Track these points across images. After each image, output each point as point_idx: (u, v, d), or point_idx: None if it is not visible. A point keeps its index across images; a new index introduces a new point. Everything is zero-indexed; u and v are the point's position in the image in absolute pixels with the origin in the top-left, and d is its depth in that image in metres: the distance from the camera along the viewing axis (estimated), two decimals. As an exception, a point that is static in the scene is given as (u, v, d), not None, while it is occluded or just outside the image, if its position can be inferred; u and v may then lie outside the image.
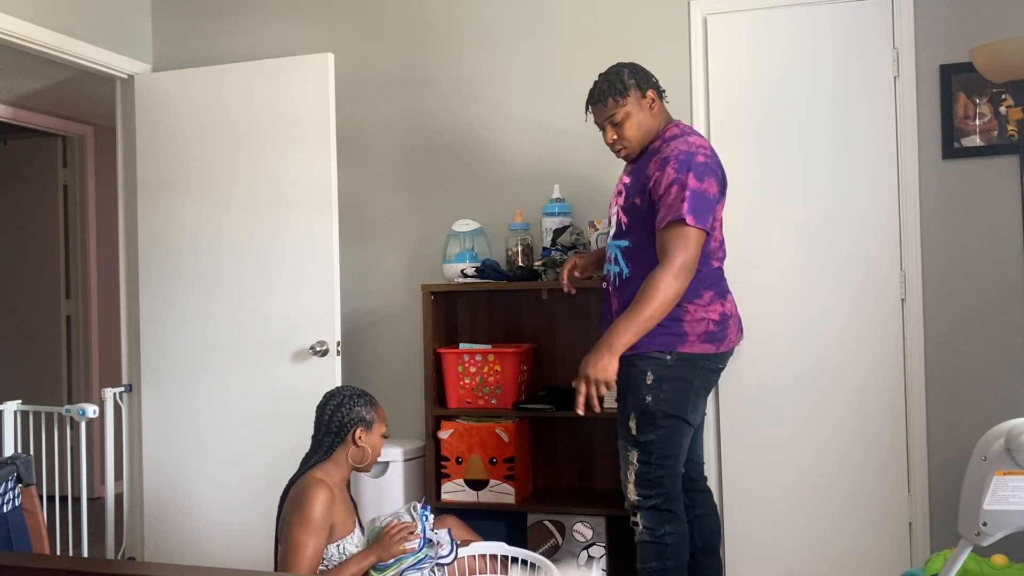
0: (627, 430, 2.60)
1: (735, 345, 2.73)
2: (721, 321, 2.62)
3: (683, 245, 2.47)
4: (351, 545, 2.53)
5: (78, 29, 3.60)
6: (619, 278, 2.68)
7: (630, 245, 2.65)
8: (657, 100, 2.70)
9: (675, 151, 2.55)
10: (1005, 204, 3.13)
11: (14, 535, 2.30)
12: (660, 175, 2.53)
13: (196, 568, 1.67)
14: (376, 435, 2.64)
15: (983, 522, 1.75)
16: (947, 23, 3.18)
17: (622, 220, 2.68)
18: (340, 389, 2.68)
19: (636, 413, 2.58)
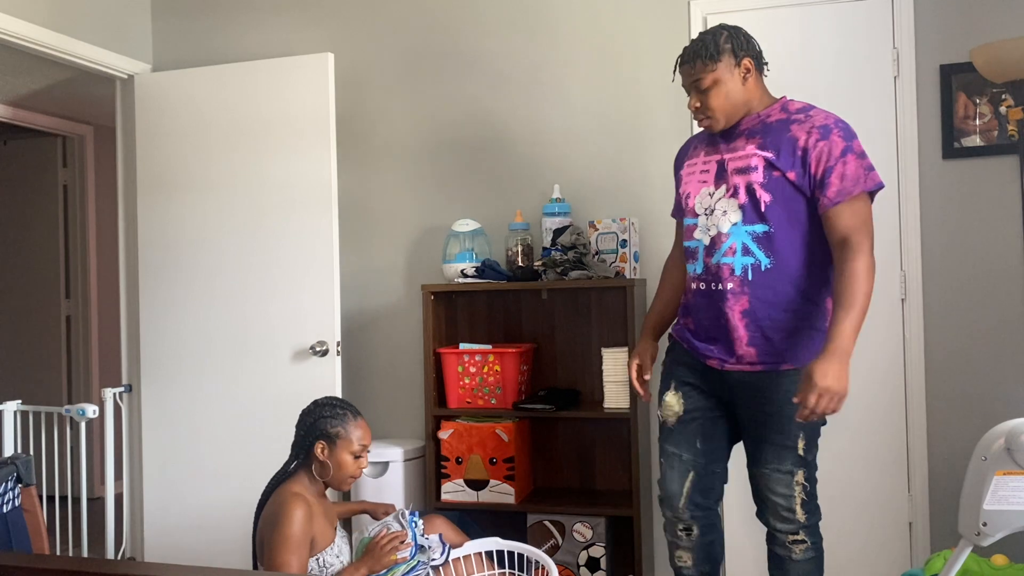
0: (792, 451, 2.36)
1: None
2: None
3: (868, 223, 2.24)
4: (331, 556, 2.48)
5: (78, 29, 3.60)
6: (754, 271, 2.31)
7: (771, 230, 2.29)
8: (753, 71, 2.38)
9: (828, 118, 2.32)
10: (1005, 204, 3.14)
11: (14, 535, 2.30)
12: (825, 144, 2.25)
13: (196, 568, 1.67)
14: (342, 452, 2.50)
15: (983, 522, 1.75)
16: (947, 23, 3.18)
17: (762, 199, 2.29)
18: (322, 399, 2.60)
19: (805, 432, 2.35)
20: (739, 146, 2.36)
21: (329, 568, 2.46)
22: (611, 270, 3.27)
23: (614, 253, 3.28)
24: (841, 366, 2.19)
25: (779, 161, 2.28)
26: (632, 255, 3.29)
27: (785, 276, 2.30)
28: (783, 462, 2.36)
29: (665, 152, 3.44)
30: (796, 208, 2.29)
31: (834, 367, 2.18)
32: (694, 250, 2.42)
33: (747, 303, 2.31)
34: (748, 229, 2.31)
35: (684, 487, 2.49)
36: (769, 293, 2.30)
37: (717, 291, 2.35)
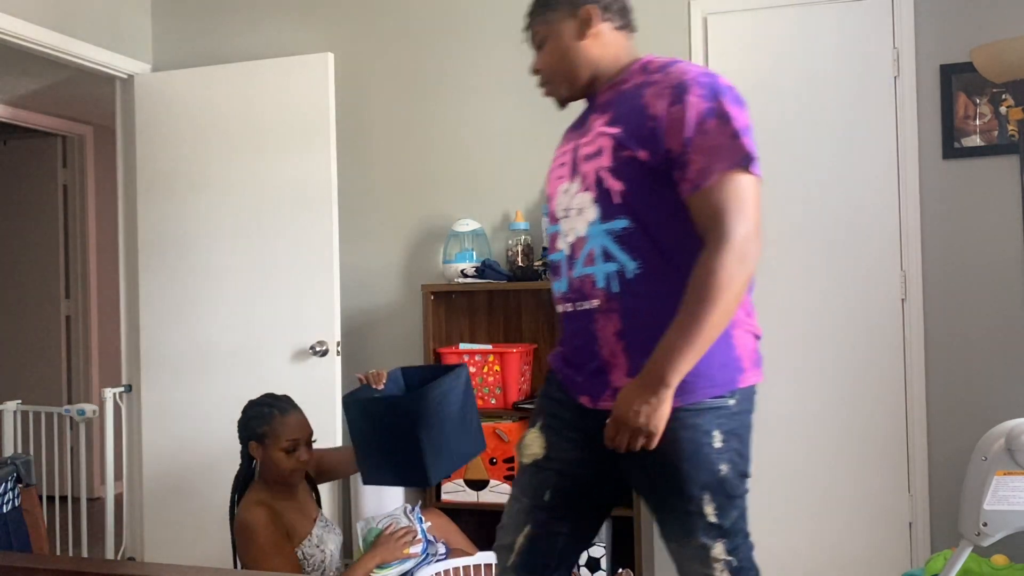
0: (698, 518, 1.74)
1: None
2: (758, 336, 1.83)
3: (741, 206, 1.63)
4: (311, 547, 2.49)
5: (78, 29, 3.59)
6: (619, 280, 1.74)
7: (631, 225, 1.72)
8: (600, 24, 1.86)
9: (685, 73, 1.71)
10: (1005, 204, 3.14)
11: (14, 535, 2.30)
12: (679, 109, 1.67)
13: (196, 568, 1.67)
14: (273, 449, 2.50)
15: (983, 522, 1.75)
16: (947, 23, 3.18)
17: (612, 188, 1.73)
18: (253, 399, 2.61)
19: (712, 494, 1.75)
20: (590, 125, 1.84)
21: (311, 559, 2.47)
22: (611, 270, 3.26)
23: (614, 253, 3.27)
24: (647, 395, 1.62)
25: (627, 138, 1.72)
26: (632, 255, 3.28)
27: (660, 282, 1.71)
28: (691, 534, 1.75)
29: (665, 152, 3.44)
30: (664, 194, 1.71)
31: (638, 395, 1.62)
32: (557, 264, 1.86)
33: (619, 322, 1.74)
34: (606, 228, 1.74)
35: (517, 541, 1.87)
36: (644, 305, 1.72)
37: (583, 311, 1.79)
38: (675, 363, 1.60)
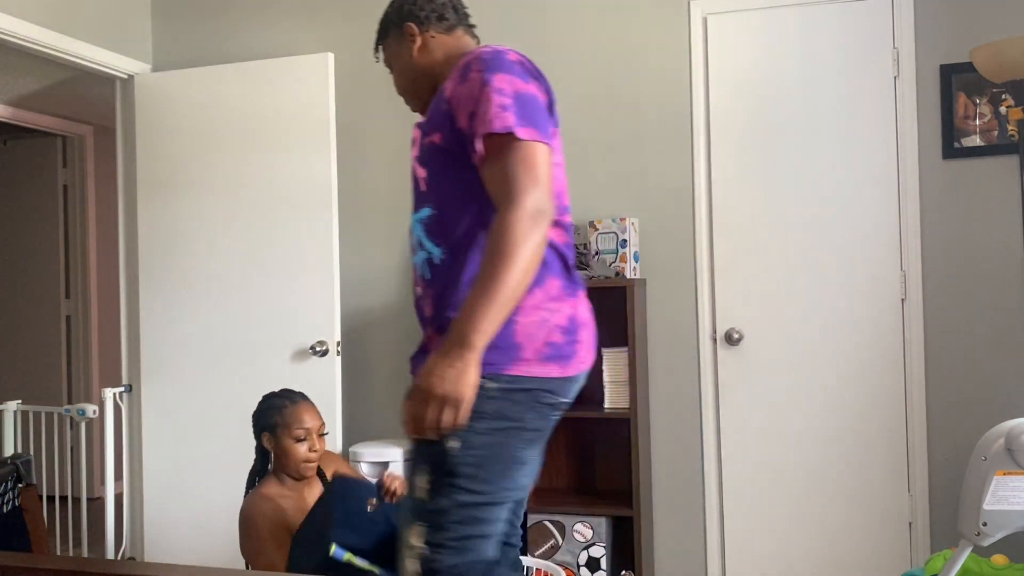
0: (412, 492, 1.64)
1: (586, 369, 1.74)
2: (570, 329, 1.69)
3: (529, 171, 1.60)
4: None
5: (78, 29, 3.60)
6: (430, 268, 1.74)
7: (435, 212, 1.74)
8: (421, 34, 1.92)
9: (473, 55, 1.74)
10: (1005, 204, 3.14)
11: (14, 535, 2.30)
12: (464, 88, 1.69)
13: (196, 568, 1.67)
14: (285, 438, 2.50)
15: (983, 522, 1.75)
16: (947, 23, 3.18)
17: (419, 176, 1.79)
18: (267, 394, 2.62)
19: (429, 466, 1.61)
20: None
21: None
22: (611, 270, 3.27)
23: (614, 253, 3.28)
24: (453, 359, 1.52)
25: (428, 126, 1.78)
26: (632, 255, 3.29)
27: (465, 267, 1.70)
28: (405, 505, 1.66)
29: (665, 152, 3.44)
30: (464, 178, 1.70)
31: (442, 361, 1.52)
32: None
33: (431, 308, 1.74)
34: (418, 217, 1.78)
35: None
36: (448, 293, 1.70)
37: (415, 299, 1.82)
38: (476, 323, 1.52)
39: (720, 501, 3.38)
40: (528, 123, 1.63)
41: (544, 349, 1.65)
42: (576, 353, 1.69)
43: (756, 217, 3.34)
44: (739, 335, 3.34)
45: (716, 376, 3.39)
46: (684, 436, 3.41)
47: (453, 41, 1.94)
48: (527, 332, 1.64)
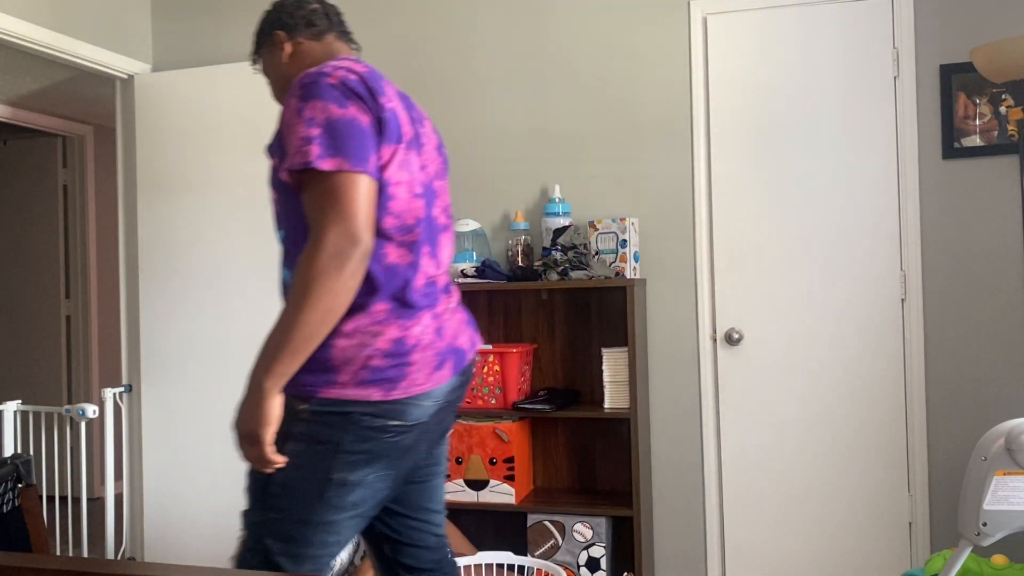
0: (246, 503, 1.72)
1: (431, 388, 1.70)
2: (396, 352, 1.66)
3: (331, 203, 1.56)
4: None
5: (78, 29, 3.60)
6: (283, 289, 1.79)
7: (284, 234, 1.75)
8: (290, 42, 1.91)
9: (297, 79, 1.70)
10: (1005, 204, 3.14)
11: (14, 535, 2.30)
12: (283, 113, 1.69)
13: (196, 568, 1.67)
14: None
15: (983, 522, 1.75)
16: (947, 23, 3.18)
17: (272, 199, 1.78)
18: None
19: (249, 481, 1.68)
20: None
21: None
22: (611, 270, 3.27)
23: (614, 253, 3.28)
24: (249, 401, 1.57)
25: (271, 147, 1.76)
26: (632, 255, 3.29)
27: None
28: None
29: (665, 152, 3.44)
30: (298, 201, 1.69)
31: (242, 402, 1.59)
32: None
33: None
34: (278, 239, 1.81)
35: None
36: None
37: None
38: (267, 364, 1.55)
39: (720, 501, 3.38)
40: (336, 153, 1.58)
41: (362, 373, 1.62)
42: (406, 376, 1.65)
43: (756, 217, 3.34)
44: (739, 335, 3.34)
45: (716, 376, 3.39)
46: (684, 436, 3.41)
47: (322, 48, 1.91)
48: (344, 355, 1.63)
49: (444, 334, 1.74)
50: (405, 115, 1.75)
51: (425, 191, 1.76)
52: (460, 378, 1.79)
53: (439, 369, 1.71)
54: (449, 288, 1.85)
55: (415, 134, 1.78)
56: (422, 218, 1.73)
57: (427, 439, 1.77)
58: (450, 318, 1.79)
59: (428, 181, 1.80)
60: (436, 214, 1.81)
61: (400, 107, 1.74)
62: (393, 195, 1.67)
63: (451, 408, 1.81)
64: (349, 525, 1.68)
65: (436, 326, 1.73)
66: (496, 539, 3.43)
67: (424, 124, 1.87)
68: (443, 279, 1.82)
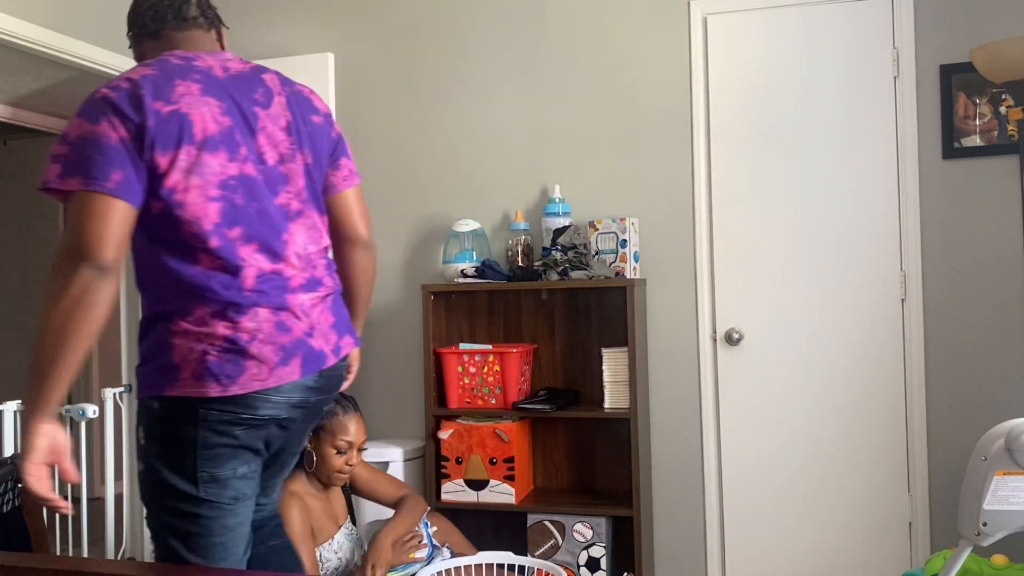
0: None
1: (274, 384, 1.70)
2: (229, 349, 1.67)
3: (69, 223, 1.59)
4: (328, 552, 2.49)
5: (78, 29, 3.59)
6: None
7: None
8: (136, 47, 1.92)
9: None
10: (1005, 204, 3.14)
11: (14, 535, 2.30)
12: None
13: (196, 568, 1.67)
14: (326, 444, 2.50)
15: (983, 522, 1.75)
16: (947, 23, 3.18)
17: None
18: None
19: (140, 484, 1.79)
20: None
21: (326, 563, 2.47)
22: (611, 270, 3.27)
23: (614, 253, 3.28)
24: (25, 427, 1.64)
25: None
26: (632, 255, 3.29)
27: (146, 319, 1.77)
28: None
29: (665, 152, 3.44)
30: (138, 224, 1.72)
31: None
32: None
33: None
34: None
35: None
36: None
37: None
38: (29, 394, 1.63)
39: (720, 501, 3.38)
40: (75, 172, 1.58)
41: (199, 369, 1.65)
42: (245, 370, 1.66)
43: (756, 217, 3.34)
44: (739, 335, 3.34)
45: (716, 376, 3.39)
46: (684, 436, 3.41)
47: (160, 46, 1.86)
48: (183, 355, 1.65)
49: (291, 329, 1.72)
50: (211, 111, 1.69)
51: (243, 182, 1.71)
52: (319, 379, 1.77)
53: (284, 365, 1.70)
54: (312, 284, 1.79)
55: (233, 126, 1.72)
56: (219, 222, 1.67)
57: (297, 432, 1.85)
58: (304, 314, 1.75)
59: (269, 168, 1.76)
60: (284, 201, 1.77)
61: (201, 105, 1.69)
62: (182, 202, 1.64)
63: (314, 408, 1.82)
64: (240, 510, 1.74)
65: (277, 320, 1.71)
66: (496, 539, 3.43)
67: (270, 106, 1.81)
68: (292, 272, 1.76)
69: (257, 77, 1.87)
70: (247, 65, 1.89)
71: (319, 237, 1.86)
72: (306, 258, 1.80)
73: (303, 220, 1.81)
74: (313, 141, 1.86)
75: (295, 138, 1.82)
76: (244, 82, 1.81)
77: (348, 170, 1.99)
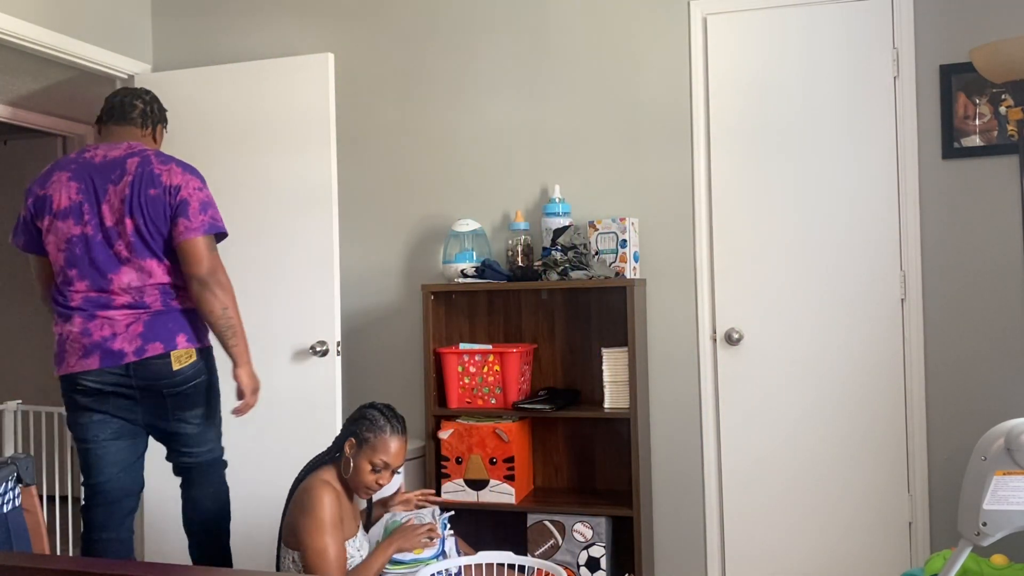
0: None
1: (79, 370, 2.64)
2: (58, 342, 2.69)
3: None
4: (352, 548, 2.53)
5: (78, 29, 3.59)
6: None
7: None
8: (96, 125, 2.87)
9: None
10: (1005, 204, 3.14)
11: (14, 535, 2.30)
12: None
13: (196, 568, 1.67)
14: (364, 458, 2.53)
15: (983, 522, 1.75)
16: (947, 23, 3.18)
17: None
18: (380, 403, 2.64)
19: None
20: None
21: (350, 559, 2.50)
22: (611, 270, 3.27)
23: (614, 253, 3.28)
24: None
25: None
26: (632, 255, 3.29)
27: None
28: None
29: (665, 152, 3.44)
30: None
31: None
32: None
33: None
34: None
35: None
36: None
37: None
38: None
39: (720, 501, 3.38)
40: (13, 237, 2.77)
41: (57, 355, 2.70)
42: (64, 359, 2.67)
43: (756, 217, 3.34)
44: (739, 335, 3.34)
45: (716, 376, 3.39)
46: (684, 436, 3.42)
47: (103, 134, 2.80)
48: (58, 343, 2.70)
49: (92, 334, 2.61)
50: (68, 191, 2.64)
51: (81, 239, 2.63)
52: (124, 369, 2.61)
53: (85, 358, 2.62)
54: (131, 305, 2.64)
55: (83, 200, 2.64)
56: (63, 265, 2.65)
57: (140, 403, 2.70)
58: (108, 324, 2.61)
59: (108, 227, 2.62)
60: (117, 250, 2.63)
61: (61, 188, 2.65)
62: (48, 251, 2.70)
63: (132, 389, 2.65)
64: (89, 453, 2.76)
65: (84, 327, 2.61)
66: (496, 539, 3.43)
67: (119, 183, 2.63)
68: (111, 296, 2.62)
69: (122, 162, 2.67)
70: (124, 152, 2.70)
71: (146, 276, 2.64)
72: (129, 289, 2.63)
73: (131, 264, 2.63)
74: (145, 208, 2.63)
75: (127, 207, 2.62)
76: (109, 166, 2.65)
77: (183, 227, 2.64)
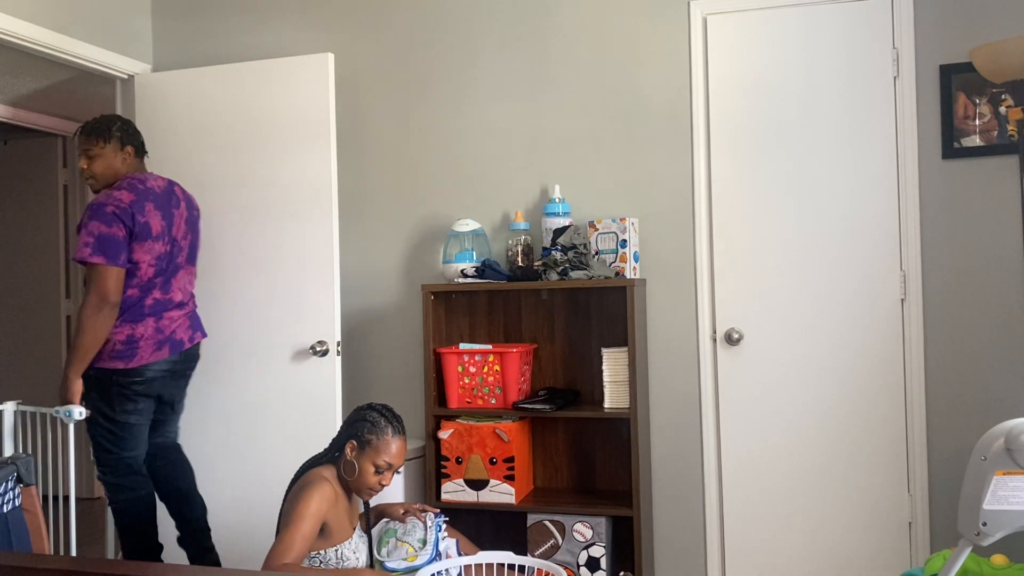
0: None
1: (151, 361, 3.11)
2: (128, 341, 3.08)
3: (95, 281, 3.00)
4: (348, 551, 2.52)
5: (78, 29, 3.60)
6: None
7: None
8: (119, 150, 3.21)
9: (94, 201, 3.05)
10: (1005, 204, 3.14)
11: (14, 535, 2.30)
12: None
13: (196, 568, 1.67)
14: (367, 460, 2.53)
15: (983, 522, 1.75)
16: (947, 23, 3.18)
17: None
18: (377, 404, 2.64)
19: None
20: None
21: (346, 561, 2.51)
22: (611, 270, 3.27)
23: (614, 253, 3.28)
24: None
25: None
26: (632, 255, 3.29)
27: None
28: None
29: (665, 152, 3.44)
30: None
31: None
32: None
33: None
34: None
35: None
36: None
37: None
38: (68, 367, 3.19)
39: (720, 501, 3.38)
40: (99, 253, 3.00)
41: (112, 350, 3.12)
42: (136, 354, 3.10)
43: (756, 217, 3.34)
44: (739, 335, 3.34)
45: (716, 376, 3.39)
46: (684, 436, 3.42)
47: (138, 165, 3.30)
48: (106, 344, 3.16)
49: (164, 331, 3.14)
50: (156, 219, 3.12)
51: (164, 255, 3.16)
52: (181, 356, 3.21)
53: (159, 349, 3.13)
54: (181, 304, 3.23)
55: (165, 225, 3.17)
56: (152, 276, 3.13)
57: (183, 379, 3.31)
58: (172, 322, 3.17)
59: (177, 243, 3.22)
60: (180, 260, 3.24)
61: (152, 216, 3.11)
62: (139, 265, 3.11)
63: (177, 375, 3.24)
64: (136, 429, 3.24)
65: (157, 325, 3.12)
66: (496, 539, 3.43)
67: (179, 207, 3.26)
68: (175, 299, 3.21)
69: (171, 189, 3.27)
70: (165, 182, 3.27)
71: (192, 281, 3.33)
72: (184, 292, 3.26)
73: (187, 271, 3.29)
74: (194, 227, 3.34)
75: (188, 227, 3.29)
76: (166, 194, 3.22)
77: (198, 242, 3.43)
